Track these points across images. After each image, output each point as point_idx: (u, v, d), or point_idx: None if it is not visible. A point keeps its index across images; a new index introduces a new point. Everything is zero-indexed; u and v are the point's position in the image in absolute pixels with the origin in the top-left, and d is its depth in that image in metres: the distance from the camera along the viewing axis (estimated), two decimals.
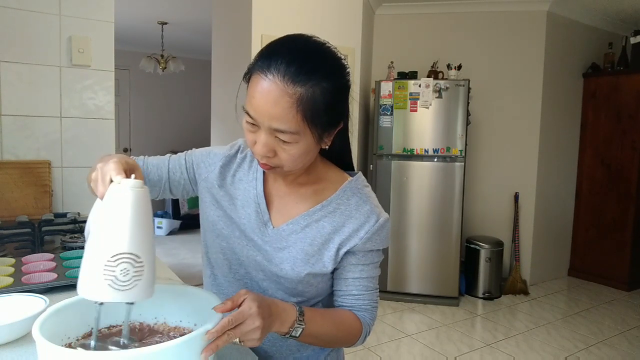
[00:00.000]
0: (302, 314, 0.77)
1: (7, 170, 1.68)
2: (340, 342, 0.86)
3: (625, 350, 2.93)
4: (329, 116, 0.76)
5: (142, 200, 0.64)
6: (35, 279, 1.03)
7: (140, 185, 0.65)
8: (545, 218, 4.16)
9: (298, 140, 0.75)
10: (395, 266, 3.60)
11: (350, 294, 0.87)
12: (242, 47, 3.03)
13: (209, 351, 0.64)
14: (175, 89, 7.24)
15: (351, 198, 0.87)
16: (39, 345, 0.60)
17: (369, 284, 0.88)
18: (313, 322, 0.79)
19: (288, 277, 0.84)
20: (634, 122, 3.99)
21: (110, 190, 0.65)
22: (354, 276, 0.87)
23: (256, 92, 0.73)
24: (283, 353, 0.91)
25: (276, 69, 0.71)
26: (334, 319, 0.84)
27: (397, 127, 3.51)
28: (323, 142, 0.80)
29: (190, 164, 0.96)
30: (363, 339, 0.88)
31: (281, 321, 0.74)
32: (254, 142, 0.77)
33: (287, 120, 0.72)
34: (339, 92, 0.77)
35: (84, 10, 1.84)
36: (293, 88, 0.71)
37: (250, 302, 0.69)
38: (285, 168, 0.79)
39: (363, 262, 0.86)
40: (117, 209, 0.63)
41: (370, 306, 0.88)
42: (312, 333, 0.79)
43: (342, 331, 0.85)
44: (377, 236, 0.86)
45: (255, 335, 0.69)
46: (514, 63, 3.96)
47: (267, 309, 0.72)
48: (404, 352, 2.81)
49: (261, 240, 0.87)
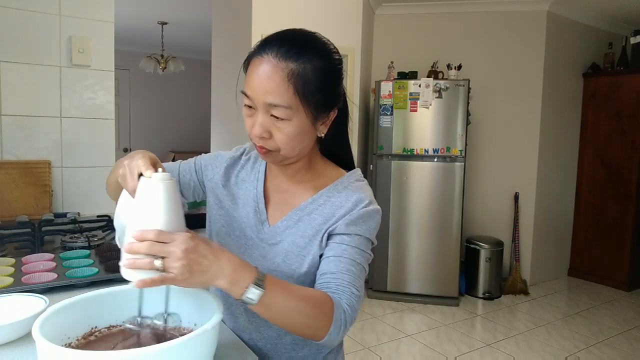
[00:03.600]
0: (262, 277, 0.68)
1: (7, 170, 1.68)
2: (309, 325, 0.73)
3: (625, 350, 2.93)
4: (321, 95, 0.79)
5: (173, 191, 0.71)
6: (35, 279, 1.03)
7: (169, 177, 0.71)
8: (545, 218, 4.16)
9: (291, 116, 0.78)
10: (395, 266, 3.60)
11: (329, 272, 0.80)
12: (242, 47, 3.03)
13: (130, 263, 0.65)
14: (175, 89, 7.24)
15: (342, 191, 0.88)
16: (39, 345, 0.60)
17: (351, 267, 0.80)
18: (275, 289, 0.69)
19: (281, 271, 0.85)
20: (634, 122, 3.99)
21: (141, 184, 0.71)
22: (335, 254, 0.82)
23: (252, 73, 0.79)
24: (278, 352, 0.91)
25: (270, 49, 0.78)
26: (300, 291, 0.74)
27: (397, 127, 3.51)
28: (318, 127, 0.83)
29: (199, 166, 1.01)
30: (339, 328, 0.74)
31: (231, 273, 0.66)
32: (251, 126, 0.81)
33: (280, 93, 0.76)
34: (330, 72, 0.81)
35: (84, 10, 1.84)
36: (285, 63, 0.76)
37: (190, 234, 0.68)
38: (282, 152, 0.81)
39: (347, 243, 0.82)
40: (151, 200, 0.69)
41: (349, 291, 0.78)
42: (273, 303, 0.69)
43: (311, 306, 0.72)
44: (361, 221, 0.84)
45: (176, 263, 0.63)
46: (514, 63, 3.96)
47: (207, 247, 0.67)
48: (404, 352, 2.81)
49: (258, 238, 0.90)
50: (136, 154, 0.77)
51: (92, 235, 1.42)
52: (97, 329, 0.77)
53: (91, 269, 1.12)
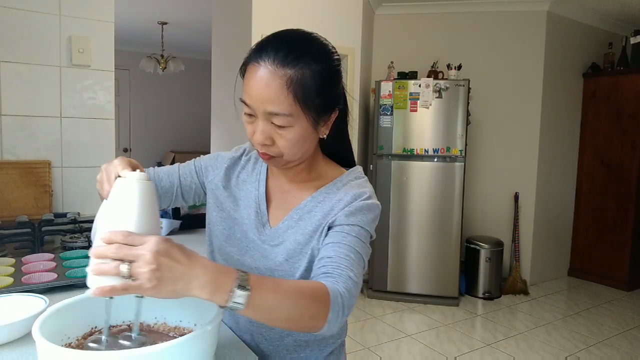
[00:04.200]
0: (245, 277, 0.62)
1: (7, 170, 1.68)
2: (306, 316, 0.67)
3: (625, 350, 2.93)
4: (321, 99, 0.78)
5: (149, 192, 0.65)
6: (35, 279, 1.03)
7: (145, 177, 0.65)
8: (545, 218, 4.16)
9: (292, 123, 0.77)
10: (395, 266, 3.60)
11: (326, 256, 0.76)
12: (242, 47, 3.03)
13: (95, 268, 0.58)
14: (175, 89, 7.24)
15: (342, 188, 0.88)
16: (39, 345, 0.60)
17: (349, 254, 0.77)
18: (261, 287, 0.63)
19: (283, 270, 0.85)
20: (634, 122, 3.99)
21: (116, 184, 0.65)
22: (334, 241, 0.79)
23: (250, 80, 0.77)
24: (280, 353, 0.91)
25: (266, 55, 0.75)
26: (289, 283, 0.69)
27: (397, 127, 3.51)
28: (320, 129, 0.82)
29: (199, 168, 0.99)
30: (337, 313, 0.69)
31: (209, 280, 0.60)
32: (252, 133, 0.80)
33: (279, 102, 0.74)
34: (329, 75, 0.79)
35: (84, 10, 1.84)
36: (283, 70, 0.74)
37: (164, 237, 0.61)
38: (285, 157, 0.81)
39: (346, 232, 0.80)
40: (124, 201, 0.63)
41: (347, 274, 0.73)
42: (262, 301, 0.63)
43: (303, 296, 0.67)
44: (361, 213, 0.83)
45: (144, 267, 0.56)
46: (514, 63, 3.96)
47: (181, 251, 0.60)
48: (404, 352, 2.81)
49: (259, 240, 0.89)
50: (116, 159, 0.75)
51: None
52: (97, 329, 0.77)
53: None
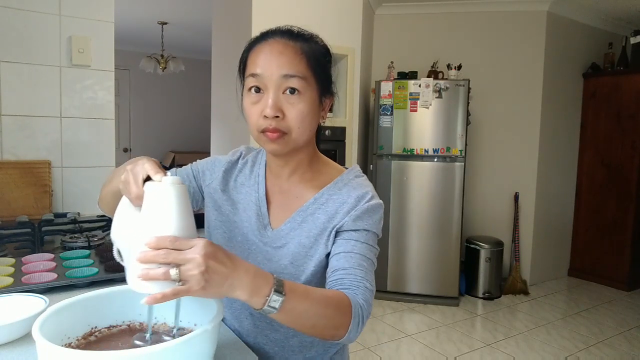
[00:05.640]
0: (280, 283, 0.66)
1: (7, 170, 1.68)
2: (329, 325, 0.71)
3: (625, 350, 2.93)
4: (326, 74, 0.84)
5: (185, 195, 0.67)
6: (35, 279, 1.03)
7: (179, 181, 0.67)
8: (545, 218, 4.16)
9: (305, 89, 0.80)
10: (395, 266, 3.60)
11: (341, 268, 0.79)
12: (242, 47, 3.02)
13: (144, 274, 0.60)
14: (175, 89, 7.24)
15: (343, 188, 0.89)
16: (39, 345, 0.60)
17: (362, 262, 0.80)
18: (294, 293, 0.66)
19: (288, 273, 0.85)
20: (634, 122, 3.98)
21: (152, 189, 0.66)
22: (345, 250, 0.81)
23: (260, 54, 0.81)
24: (285, 354, 0.90)
25: (273, 35, 0.82)
26: (318, 292, 0.72)
27: (397, 127, 3.51)
28: (322, 108, 0.86)
29: (196, 172, 0.99)
30: (357, 324, 0.73)
31: (249, 282, 0.63)
32: (259, 113, 0.80)
33: (295, 64, 0.79)
34: (329, 57, 0.86)
35: (84, 10, 1.84)
36: (294, 42, 0.81)
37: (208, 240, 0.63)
38: (294, 133, 0.81)
39: (355, 238, 0.82)
40: (164, 205, 0.64)
41: (364, 286, 0.77)
42: (294, 308, 0.66)
43: (329, 307, 0.70)
44: (367, 216, 0.84)
45: (195, 270, 0.58)
46: (514, 63, 3.96)
47: (225, 254, 0.63)
48: (404, 352, 2.81)
49: (261, 242, 0.89)
50: (140, 159, 0.73)
51: (92, 235, 1.42)
52: (97, 329, 0.77)
53: (91, 269, 1.12)
